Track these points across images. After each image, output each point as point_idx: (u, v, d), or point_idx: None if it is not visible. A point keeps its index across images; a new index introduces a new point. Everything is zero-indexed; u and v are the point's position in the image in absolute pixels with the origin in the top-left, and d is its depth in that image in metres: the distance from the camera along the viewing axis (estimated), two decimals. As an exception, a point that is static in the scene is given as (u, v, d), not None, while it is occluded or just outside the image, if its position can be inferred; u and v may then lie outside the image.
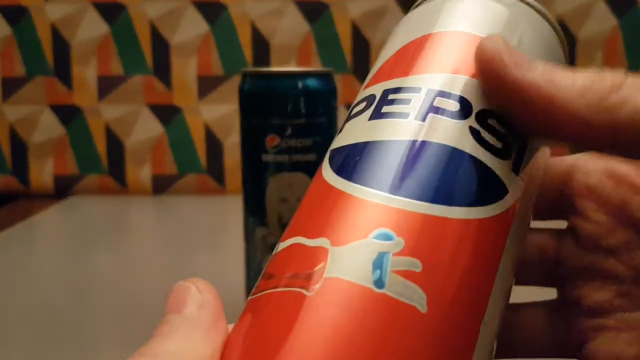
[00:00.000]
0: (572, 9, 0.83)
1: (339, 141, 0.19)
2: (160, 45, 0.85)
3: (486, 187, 0.17)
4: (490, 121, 0.18)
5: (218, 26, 0.84)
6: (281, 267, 0.16)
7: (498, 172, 0.17)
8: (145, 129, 0.86)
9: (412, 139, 0.17)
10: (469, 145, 0.17)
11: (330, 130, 0.41)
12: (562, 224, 0.23)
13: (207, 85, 0.85)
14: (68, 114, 0.86)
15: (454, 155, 0.17)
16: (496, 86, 0.18)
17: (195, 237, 0.64)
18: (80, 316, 0.44)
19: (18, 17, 0.84)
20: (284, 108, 0.39)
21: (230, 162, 0.86)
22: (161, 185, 0.87)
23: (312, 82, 0.40)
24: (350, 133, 0.18)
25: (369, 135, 0.18)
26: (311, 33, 0.84)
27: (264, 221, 0.40)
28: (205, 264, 0.55)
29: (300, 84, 0.39)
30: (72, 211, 0.77)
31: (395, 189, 0.16)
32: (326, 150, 0.44)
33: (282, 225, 0.40)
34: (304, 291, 0.14)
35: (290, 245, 0.16)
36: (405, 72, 0.19)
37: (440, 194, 0.16)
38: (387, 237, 0.15)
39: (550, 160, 0.23)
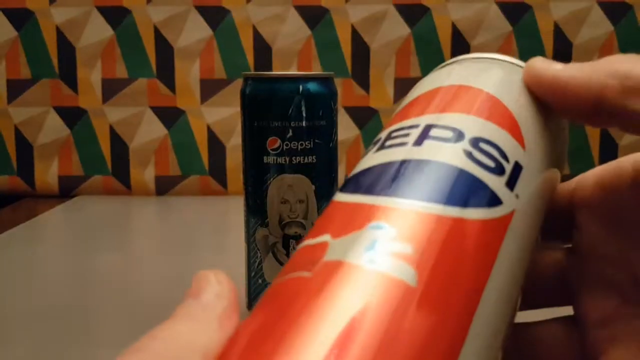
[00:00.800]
0: (568, 14, 0.84)
1: (350, 175, 0.21)
2: (164, 49, 0.85)
3: (477, 193, 0.19)
4: (482, 145, 0.20)
5: (221, 31, 0.85)
6: (290, 265, 0.17)
7: (489, 183, 0.19)
8: (149, 131, 0.86)
9: (407, 158, 0.19)
10: (461, 162, 0.19)
11: (330, 132, 0.41)
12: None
13: (209, 89, 0.86)
14: (73, 116, 0.87)
15: (445, 167, 0.19)
16: (533, 78, 0.22)
17: (198, 237, 0.65)
18: (84, 315, 0.44)
19: (24, 20, 0.85)
20: (285, 111, 0.39)
21: (232, 164, 0.87)
22: (164, 186, 0.87)
23: (312, 86, 0.40)
24: (359, 165, 0.21)
25: (371, 163, 0.20)
26: (312, 38, 0.85)
27: (265, 222, 0.41)
28: (207, 264, 0.55)
29: (301, 88, 0.40)
30: (76, 211, 0.77)
31: (389, 192, 0.18)
32: (326, 152, 0.44)
33: (283, 226, 0.41)
34: (303, 274, 0.16)
35: (299, 249, 0.18)
36: (407, 117, 0.22)
37: (431, 194, 0.18)
38: (379, 227, 0.17)
39: (559, 184, 0.24)
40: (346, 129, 0.86)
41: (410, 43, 0.85)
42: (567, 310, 0.24)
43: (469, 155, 0.19)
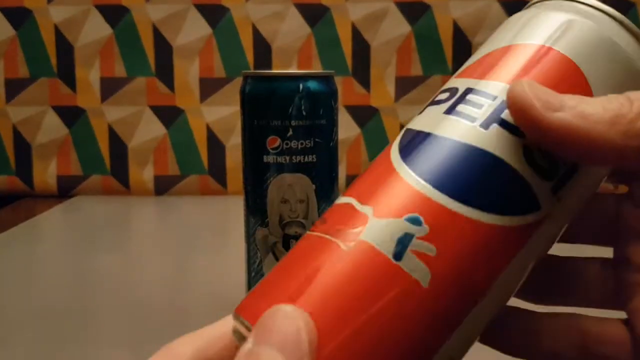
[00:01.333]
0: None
1: (415, 123, 0.21)
2: (163, 48, 0.85)
3: (518, 201, 0.19)
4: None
5: (220, 29, 0.85)
6: (333, 218, 0.19)
7: (536, 189, 0.19)
8: (147, 131, 0.86)
9: (469, 142, 0.19)
10: (518, 162, 0.19)
11: (331, 131, 0.41)
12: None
13: (209, 87, 0.86)
14: (71, 115, 0.86)
15: (499, 166, 0.19)
16: (531, 129, 0.19)
17: (197, 237, 0.65)
18: (83, 315, 0.44)
19: (22, 19, 0.85)
20: (285, 110, 0.39)
21: (232, 163, 0.86)
22: (163, 186, 0.87)
23: (312, 84, 0.40)
24: (426, 120, 0.20)
25: (436, 128, 0.20)
26: (312, 36, 0.84)
27: (265, 221, 0.40)
28: (207, 264, 0.55)
29: (301, 86, 0.39)
30: (75, 211, 0.77)
31: (436, 182, 0.19)
32: (326, 151, 0.44)
33: (283, 226, 0.40)
34: (340, 244, 0.18)
35: (346, 203, 0.19)
36: (488, 76, 0.20)
37: (475, 198, 0.18)
38: (417, 222, 0.18)
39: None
40: (347, 128, 0.86)
41: (411, 41, 0.84)
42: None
43: (529, 155, 0.19)
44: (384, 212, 0.18)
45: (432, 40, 0.84)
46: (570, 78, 0.20)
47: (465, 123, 0.19)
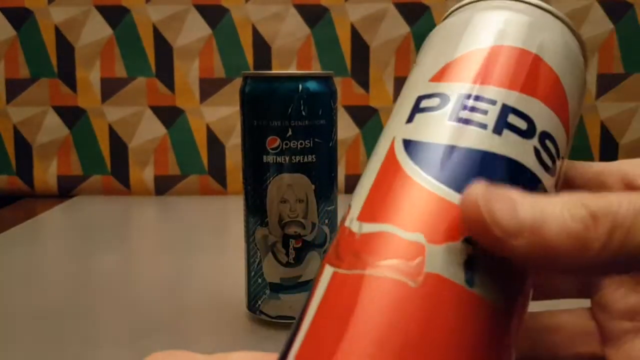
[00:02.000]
0: (569, 13, 0.84)
1: (413, 133, 0.20)
2: (163, 48, 0.85)
3: None
4: (547, 142, 0.20)
5: (220, 30, 0.85)
6: (376, 252, 0.17)
7: (548, 188, 0.20)
8: (148, 131, 0.86)
9: (490, 150, 0.19)
10: (532, 163, 0.19)
11: (330, 132, 0.41)
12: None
13: (209, 88, 0.86)
14: (72, 116, 0.86)
15: (522, 171, 0.19)
16: (491, 250, 0.17)
17: (197, 237, 0.65)
18: (83, 315, 0.44)
19: (22, 19, 0.85)
20: (284, 110, 0.39)
21: (232, 164, 0.87)
22: (164, 186, 0.87)
23: (312, 85, 0.40)
24: (428, 129, 0.20)
25: (451, 139, 0.19)
26: (311, 36, 0.84)
27: (265, 221, 0.41)
28: (207, 264, 0.55)
29: (300, 87, 0.39)
30: (75, 211, 0.77)
31: None
32: (326, 152, 0.44)
33: (282, 226, 0.40)
34: (409, 282, 0.16)
35: (383, 232, 0.17)
36: (479, 80, 0.21)
37: None
38: (474, 244, 0.17)
39: (576, 164, 0.24)
40: (346, 128, 0.86)
41: (410, 42, 0.84)
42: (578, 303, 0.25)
43: (538, 155, 0.20)
44: (438, 237, 0.17)
45: (431, 41, 0.84)
46: (549, 80, 0.21)
47: (478, 130, 0.19)
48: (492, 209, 0.16)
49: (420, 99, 0.21)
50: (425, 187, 0.18)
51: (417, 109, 0.21)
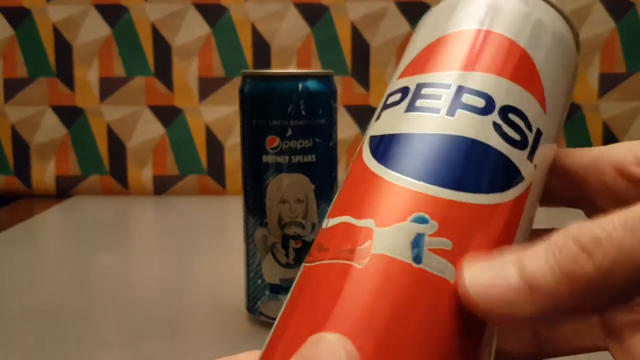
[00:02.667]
0: (570, 11, 0.84)
1: (378, 129, 0.21)
2: (162, 47, 0.85)
3: (505, 176, 0.19)
4: (511, 116, 0.20)
5: (219, 28, 0.85)
6: (334, 242, 0.18)
7: (516, 161, 0.20)
8: (146, 130, 0.86)
9: (443, 132, 0.19)
10: (493, 139, 0.20)
11: (330, 131, 0.41)
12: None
13: (208, 87, 0.85)
14: (70, 115, 0.86)
15: (479, 147, 0.19)
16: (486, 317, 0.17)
17: (196, 237, 0.65)
18: (82, 316, 0.44)
19: (20, 18, 0.85)
20: (284, 109, 0.39)
21: (231, 163, 0.86)
22: (162, 186, 0.87)
23: (312, 84, 0.40)
24: (388, 123, 0.21)
25: (405, 128, 0.20)
26: (311, 35, 0.84)
27: (264, 221, 0.40)
28: (206, 264, 0.55)
29: (300, 86, 0.39)
30: (73, 211, 0.77)
31: (429, 178, 0.19)
32: (325, 151, 0.44)
33: (282, 226, 0.40)
34: (354, 264, 0.17)
35: (341, 223, 0.19)
36: (436, 68, 0.21)
37: (466, 182, 0.19)
38: (423, 220, 0.18)
39: (572, 151, 0.24)
40: (346, 128, 0.85)
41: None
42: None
43: (499, 129, 0.20)
44: (387, 220, 0.18)
45: (431, 40, 0.84)
46: (514, 56, 0.21)
47: (431, 115, 0.20)
48: (474, 289, 0.17)
49: (388, 96, 0.22)
50: (377, 175, 0.19)
51: (384, 106, 0.22)
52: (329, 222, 0.19)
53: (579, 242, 0.16)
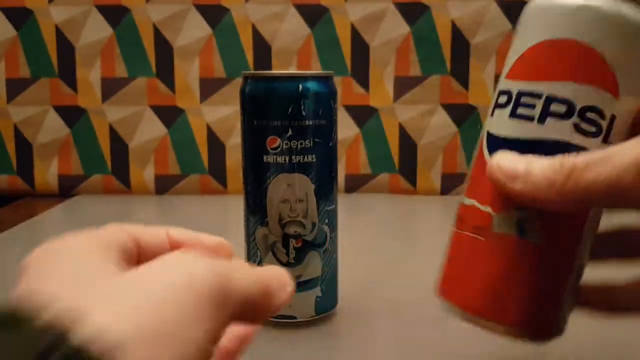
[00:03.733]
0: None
1: (492, 126, 0.28)
2: (164, 48, 0.85)
3: None
4: (589, 114, 0.25)
5: (220, 29, 0.85)
6: (468, 218, 0.28)
7: (592, 147, 0.25)
8: (148, 130, 0.86)
9: (535, 137, 0.26)
10: (574, 137, 0.25)
11: (330, 131, 0.41)
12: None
13: (209, 88, 0.86)
14: (72, 115, 0.87)
15: (562, 146, 0.25)
16: (504, 194, 0.26)
17: (197, 236, 0.65)
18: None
19: (23, 19, 0.85)
20: (284, 110, 0.39)
21: (232, 163, 0.87)
22: (164, 186, 0.87)
23: (312, 85, 0.40)
24: (499, 123, 0.27)
25: (510, 132, 0.27)
26: (311, 36, 0.85)
27: (265, 221, 0.41)
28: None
29: (300, 87, 0.39)
30: (76, 211, 0.77)
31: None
32: (326, 151, 0.44)
33: (282, 225, 0.41)
34: (481, 238, 0.27)
35: (472, 205, 0.28)
36: (530, 76, 0.27)
37: None
38: (524, 209, 0.26)
39: None
40: (346, 128, 0.86)
41: (409, 41, 0.85)
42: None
43: (578, 127, 0.25)
44: (500, 208, 0.26)
45: (430, 41, 0.84)
46: (586, 60, 0.25)
47: (527, 123, 0.26)
48: (499, 162, 0.25)
49: (499, 94, 0.28)
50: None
51: (496, 104, 0.28)
52: (465, 200, 0.28)
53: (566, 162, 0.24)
